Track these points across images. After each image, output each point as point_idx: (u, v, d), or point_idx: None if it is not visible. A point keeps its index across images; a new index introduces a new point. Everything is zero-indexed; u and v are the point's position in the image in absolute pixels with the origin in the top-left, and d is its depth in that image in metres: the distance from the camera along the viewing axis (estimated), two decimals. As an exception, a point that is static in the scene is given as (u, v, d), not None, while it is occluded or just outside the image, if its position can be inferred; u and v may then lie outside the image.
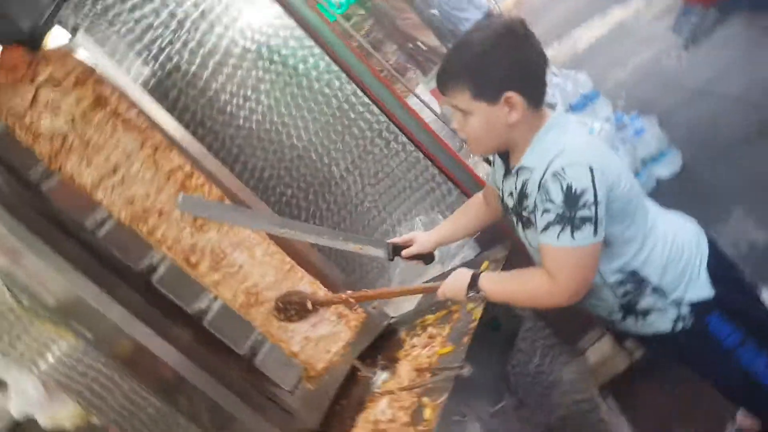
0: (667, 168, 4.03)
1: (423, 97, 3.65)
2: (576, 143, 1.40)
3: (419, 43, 4.86)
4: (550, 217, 1.35)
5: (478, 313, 1.89)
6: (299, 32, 2.56)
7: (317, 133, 2.80)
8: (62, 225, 1.95)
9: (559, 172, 1.33)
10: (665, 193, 4.04)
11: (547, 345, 2.63)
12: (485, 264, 2.20)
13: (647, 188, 4.05)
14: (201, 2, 2.53)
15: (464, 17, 4.77)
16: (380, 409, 1.82)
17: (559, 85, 4.14)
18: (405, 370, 1.92)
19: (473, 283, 1.58)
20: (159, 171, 1.90)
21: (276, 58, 2.63)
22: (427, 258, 1.96)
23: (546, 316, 2.47)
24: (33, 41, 2.01)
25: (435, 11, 4.81)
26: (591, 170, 1.32)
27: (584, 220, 1.32)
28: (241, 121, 2.80)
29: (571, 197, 1.32)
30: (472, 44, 1.37)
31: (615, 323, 1.68)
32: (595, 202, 1.32)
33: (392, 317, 2.46)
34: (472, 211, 1.94)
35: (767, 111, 3.85)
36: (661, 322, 1.54)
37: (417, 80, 4.74)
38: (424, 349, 1.98)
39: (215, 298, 2.01)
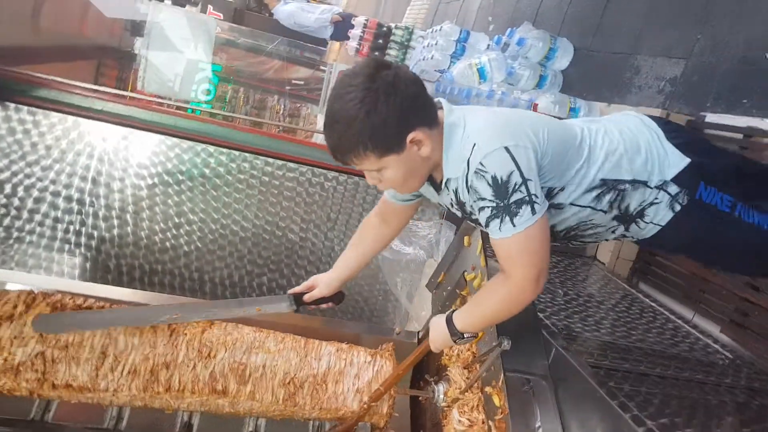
0: (563, 59, 4.14)
1: (326, 127, 3.68)
2: (481, 130, 1.35)
3: (294, 82, 4.91)
4: (487, 213, 1.32)
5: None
6: (186, 143, 2.57)
7: (257, 215, 2.82)
8: (85, 442, 1.95)
9: (479, 168, 1.30)
10: (574, 82, 4.16)
11: (560, 271, 2.69)
12: (467, 239, 2.23)
13: (557, 85, 4.16)
14: (86, 173, 2.53)
15: (324, 37, 4.84)
16: (455, 420, 1.83)
17: (432, 45, 4.23)
18: (456, 373, 1.94)
19: (452, 330, 1.55)
20: (144, 331, 1.90)
21: (180, 176, 2.64)
22: (336, 298, 1.92)
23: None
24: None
25: (290, 48, 4.87)
26: (507, 150, 1.29)
27: (519, 203, 1.28)
28: (186, 248, 2.80)
29: (500, 187, 1.28)
30: (349, 111, 1.28)
31: (627, 239, 1.65)
32: (524, 181, 1.28)
33: (419, 331, 2.48)
34: (370, 237, 1.87)
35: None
36: (661, 212, 1.51)
37: (313, 114, 4.79)
38: (460, 345, 2.00)
39: (257, 417, 1.99)
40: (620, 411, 1.43)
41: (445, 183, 1.45)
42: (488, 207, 1.31)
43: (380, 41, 4.73)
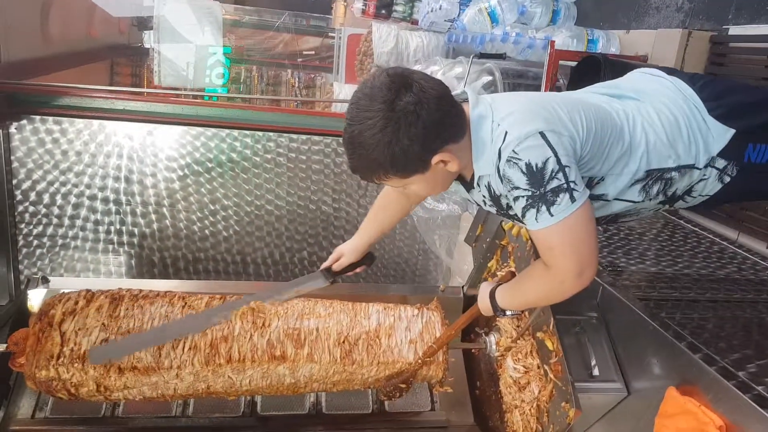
0: (577, -14, 4.01)
1: (342, 95, 3.67)
2: (511, 116, 1.26)
3: (305, 52, 4.86)
4: (522, 202, 1.23)
5: (524, 232, 1.93)
6: (210, 131, 2.60)
7: (289, 192, 2.85)
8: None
9: (512, 156, 1.21)
10: (589, 12, 4.03)
11: (597, 207, 2.66)
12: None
13: (572, 17, 4.03)
14: (119, 173, 2.58)
15: None
16: (510, 368, 1.87)
17: (439, -5, 4.12)
18: (505, 322, 1.96)
19: (494, 305, 1.55)
20: (199, 311, 1.96)
21: (209, 164, 2.67)
22: (366, 260, 1.95)
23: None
24: (18, 311, 2.12)
25: (296, 19, 4.81)
26: (542, 135, 1.20)
27: (557, 191, 1.18)
28: (225, 233, 2.86)
29: (535, 174, 1.19)
30: (368, 140, 1.20)
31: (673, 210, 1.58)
32: (561, 167, 1.19)
33: (463, 285, 2.50)
34: (391, 207, 1.83)
35: None
36: (709, 186, 1.44)
37: (328, 82, 4.74)
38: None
39: (317, 393, 2.07)
40: (675, 340, 1.43)
41: (477, 180, 1.38)
42: (523, 196, 1.22)
43: (386, -1, 4.62)
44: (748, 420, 1.19)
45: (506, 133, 1.23)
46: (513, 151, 1.21)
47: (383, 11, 4.63)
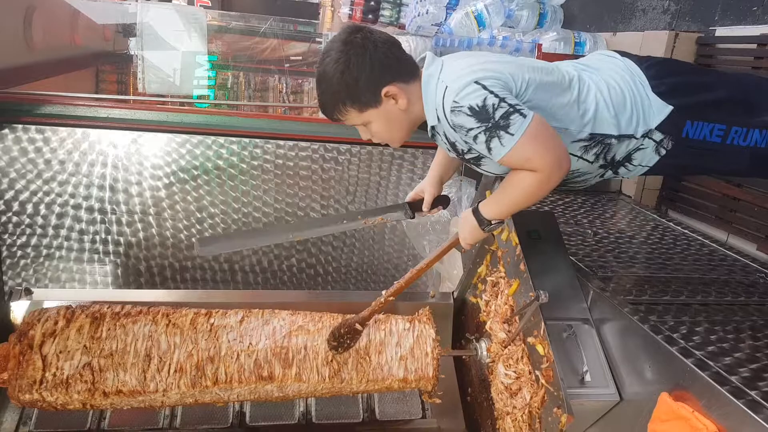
0: (562, -9, 4.02)
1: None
2: (453, 73, 1.43)
3: (292, 58, 4.83)
4: (483, 138, 1.38)
5: (513, 236, 1.92)
6: (196, 138, 2.56)
7: (276, 199, 2.82)
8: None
9: (454, 106, 1.38)
10: (576, 15, 4.04)
11: (587, 210, 2.65)
12: (488, 193, 2.21)
13: (559, 21, 4.04)
14: (103, 181, 2.54)
15: None
16: (501, 374, 1.85)
17: (425, 1, 4.12)
18: (496, 328, 1.95)
19: (480, 218, 1.60)
20: (184, 329, 1.95)
21: (195, 171, 2.64)
22: (443, 201, 1.97)
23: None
24: (1, 323, 2.07)
25: (283, 24, 4.79)
26: (477, 82, 1.36)
27: (506, 116, 1.34)
28: (211, 241, 2.82)
29: (480, 113, 1.35)
30: (327, 72, 1.45)
31: (614, 182, 1.69)
32: (500, 98, 1.35)
33: (453, 291, 2.49)
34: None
35: None
36: (647, 156, 1.59)
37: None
38: (497, 300, 2.01)
39: (307, 398, 2.04)
40: (666, 345, 1.42)
41: (432, 129, 1.56)
42: (479, 133, 1.38)
43: (372, 3, 4.62)
44: (741, 426, 1.17)
45: (446, 87, 1.41)
46: (453, 101, 1.38)
47: (370, 16, 4.63)
